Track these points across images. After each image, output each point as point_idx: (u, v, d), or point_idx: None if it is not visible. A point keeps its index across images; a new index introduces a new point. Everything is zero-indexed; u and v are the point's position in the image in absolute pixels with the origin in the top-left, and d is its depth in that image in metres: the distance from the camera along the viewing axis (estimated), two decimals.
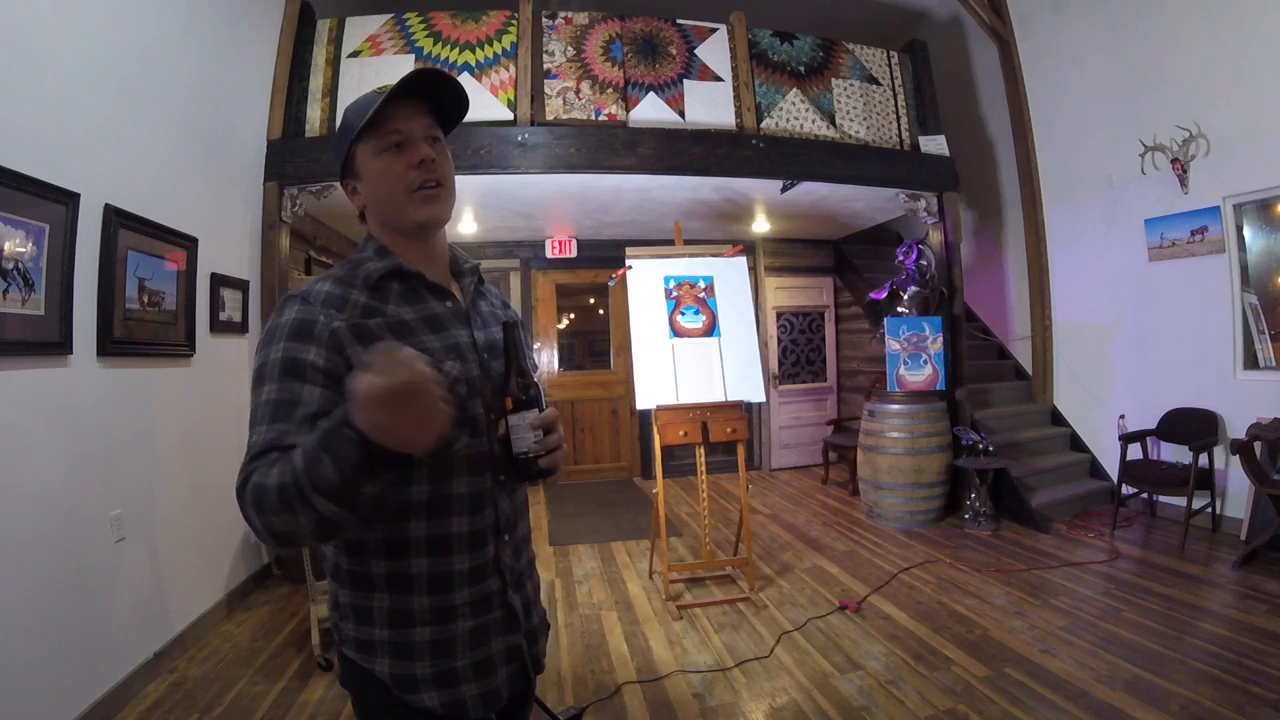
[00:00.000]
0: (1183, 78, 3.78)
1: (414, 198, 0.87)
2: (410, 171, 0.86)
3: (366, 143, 0.87)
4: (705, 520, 3.21)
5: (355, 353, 0.80)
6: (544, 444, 0.84)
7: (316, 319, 0.81)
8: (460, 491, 0.87)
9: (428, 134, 0.88)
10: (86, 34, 2.25)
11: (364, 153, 0.87)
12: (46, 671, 1.94)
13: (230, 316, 3.26)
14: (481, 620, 0.89)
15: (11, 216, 1.89)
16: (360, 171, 0.89)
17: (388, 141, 0.86)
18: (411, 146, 0.86)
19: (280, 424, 0.75)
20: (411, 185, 0.86)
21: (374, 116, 0.84)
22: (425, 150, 0.87)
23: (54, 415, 2.08)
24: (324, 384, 0.78)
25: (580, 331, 6.49)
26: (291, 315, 0.82)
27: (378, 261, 0.89)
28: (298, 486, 0.66)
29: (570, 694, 2.32)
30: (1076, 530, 3.90)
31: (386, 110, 0.84)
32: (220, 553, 3.11)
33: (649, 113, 3.98)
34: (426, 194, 0.87)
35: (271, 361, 0.79)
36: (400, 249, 0.91)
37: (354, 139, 0.87)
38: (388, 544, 0.85)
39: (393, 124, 0.86)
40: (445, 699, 0.86)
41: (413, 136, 0.87)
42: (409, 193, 0.87)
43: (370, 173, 0.88)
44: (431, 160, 0.87)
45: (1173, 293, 3.97)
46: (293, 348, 0.79)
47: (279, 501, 0.67)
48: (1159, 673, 2.24)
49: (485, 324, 0.96)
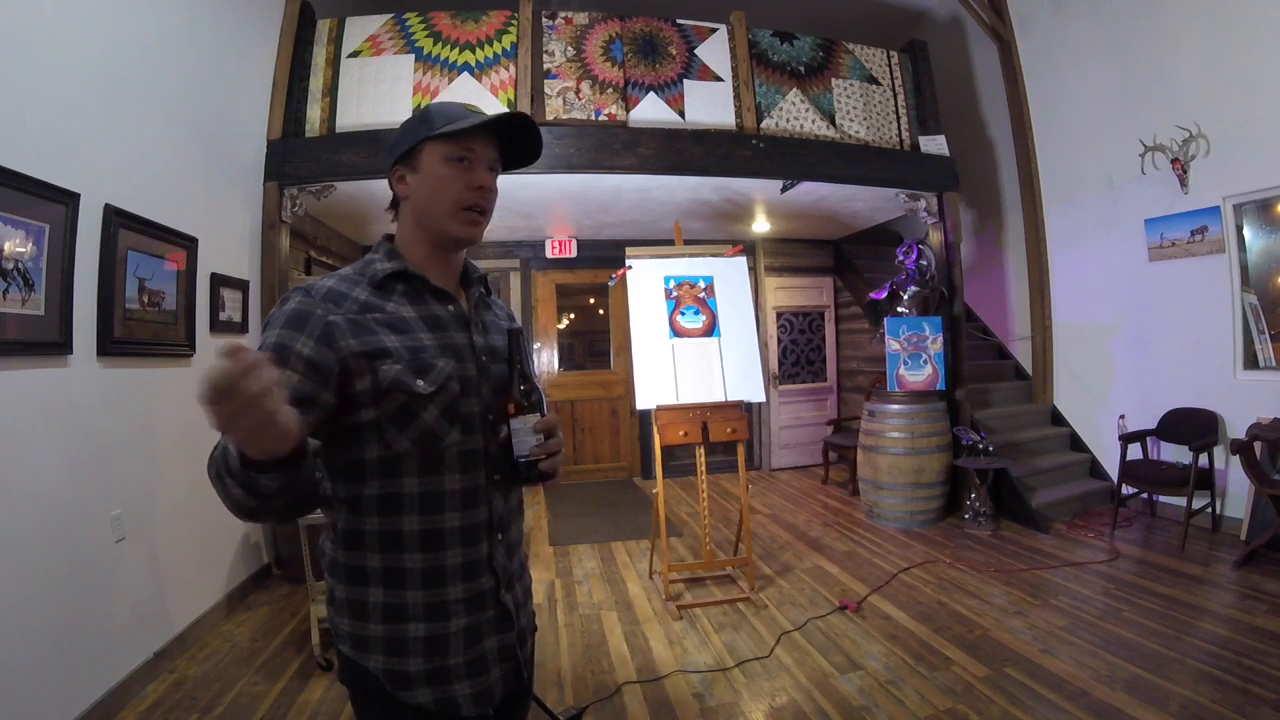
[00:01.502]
0: (1183, 78, 3.78)
1: (460, 215, 0.91)
2: (467, 191, 0.91)
3: (440, 145, 0.90)
4: (705, 520, 3.21)
5: (349, 345, 0.83)
6: (545, 448, 0.87)
7: (314, 311, 0.84)
8: (453, 487, 0.89)
9: (491, 165, 0.94)
10: (87, 34, 2.25)
11: (433, 151, 0.90)
12: (46, 671, 1.94)
13: (230, 316, 3.26)
14: (475, 618, 0.90)
15: (11, 216, 1.89)
16: (421, 167, 0.91)
17: (459, 153, 0.90)
18: (477, 169, 0.91)
19: None
20: (462, 203, 0.91)
21: (461, 131, 0.89)
22: (487, 178, 0.92)
23: (54, 415, 2.08)
24: (304, 372, 0.80)
25: (580, 331, 6.49)
26: (291, 306, 0.85)
27: (385, 263, 0.92)
28: (219, 466, 0.73)
29: (570, 694, 2.32)
30: (1076, 530, 3.90)
31: (472, 129, 0.89)
32: (220, 553, 3.11)
33: (649, 113, 3.98)
34: (472, 217, 0.92)
35: (264, 347, 0.82)
36: (420, 251, 0.94)
37: (430, 135, 0.90)
38: (381, 538, 0.86)
39: (470, 142, 0.90)
40: (438, 696, 0.87)
41: (480, 162, 0.92)
42: (457, 208, 0.91)
43: (431, 174, 0.91)
44: (488, 190, 0.93)
45: (1173, 293, 3.97)
46: (285, 335, 0.82)
47: (213, 474, 0.74)
48: (1159, 673, 2.24)
49: (487, 330, 0.98)
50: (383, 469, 0.86)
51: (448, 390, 0.88)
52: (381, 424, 0.85)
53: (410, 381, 0.85)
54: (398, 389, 0.84)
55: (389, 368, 0.84)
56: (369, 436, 0.85)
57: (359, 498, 0.87)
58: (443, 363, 0.88)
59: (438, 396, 0.87)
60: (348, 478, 0.87)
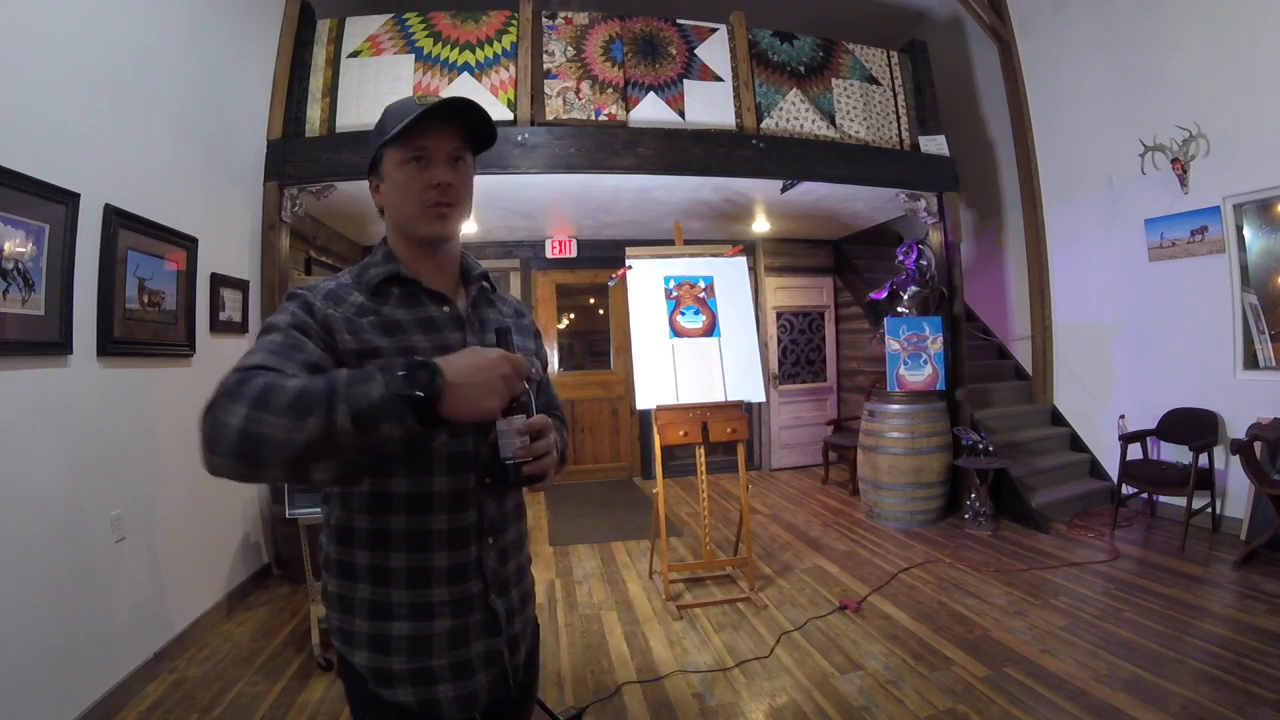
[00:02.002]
0: (1183, 78, 3.78)
1: (425, 213, 0.90)
2: (427, 190, 0.89)
3: (394, 149, 0.89)
4: (705, 520, 3.21)
5: (345, 340, 0.85)
6: (530, 450, 0.83)
7: (315, 303, 0.87)
8: (440, 489, 0.88)
9: (453, 155, 0.91)
10: (87, 34, 2.25)
11: (390, 158, 0.90)
12: (46, 671, 1.94)
13: (230, 316, 3.26)
14: (461, 621, 0.90)
15: (11, 216, 1.89)
16: (385, 174, 0.92)
17: (411, 154, 0.89)
18: (433, 166, 0.89)
19: (280, 359, 0.77)
20: (426, 201, 0.90)
21: (404, 129, 0.86)
22: (443, 174, 0.90)
23: (54, 415, 2.08)
24: (323, 348, 0.82)
25: (580, 331, 6.49)
26: (296, 302, 0.87)
27: (381, 267, 0.93)
28: (329, 394, 0.67)
29: (570, 694, 2.32)
30: (1076, 530, 3.90)
31: (418, 125, 0.87)
32: (220, 553, 3.11)
33: (649, 113, 3.98)
34: (438, 211, 0.91)
35: (281, 319, 0.84)
36: (408, 253, 0.95)
37: (384, 142, 0.89)
38: (371, 534, 0.87)
39: (421, 140, 0.88)
40: (420, 696, 0.88)
41: (436, 156, 0.90)
42: (422, 208, 0.90)
43: (391, 180, 0.91)
44: (448, 185, 0.90)
45: (1173, 293, 3.97)
46: (299, 315, 0.85)
47: (293, 402, 0.67)
48: (1159, 673, 2.24)
49: (485, 329, 0.98)
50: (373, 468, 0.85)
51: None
52: None
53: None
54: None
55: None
56: None
57: (349, 494, 0.88)
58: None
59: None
60: None
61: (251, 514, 3.43)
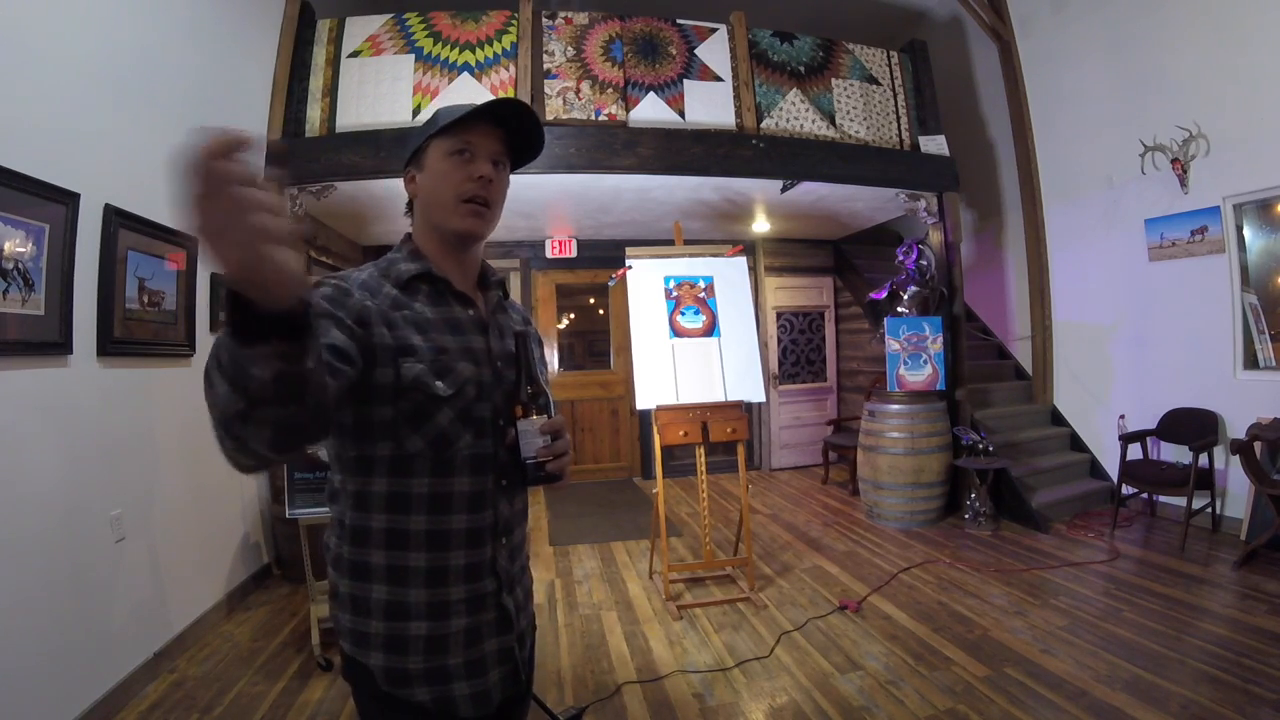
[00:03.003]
0: (1183, 78, 3.78)
1: (461, 207, 0.91)
2: (467, 182, 0.91)
3: (441, 140, 0.91)
4: (705, 520, 3.21)
5: (381, 333, 0.83)
6: (551, 449, 0.88)
7: (352, 292, 0.85)
8: (461, 490, 0.89)
9: (495, 156, 0.93)
10: (87, 34, 2.25)
11: (435, 148, 0.92)
12: (46, 671, 1.94)
13: None
14: (475, 620, 0.91)
15: (11, 216, 1.89)
16: (425, 164, 0.93)
17: (458, 147, 0.91)
18: (477, 160, 0.92)
19: None
20: (464, 194, 0.91)
21: (457, 122, 0.89)
22: (486, 168, 0.92)
23: (54, 415, 2.08)
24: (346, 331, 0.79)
25: (580, 331, 6.49)
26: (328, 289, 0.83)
27: (410, 264, 0.93)
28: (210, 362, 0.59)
29: (570, 694, 2.32)
30: (1076, 530, 3.90)
31: (469, 121, 0.90)
32: (220, 553, 3.11)
33: (649, 113, 3.98)
34: (474, 208, 0.92)
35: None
36: (436, 252, 0.95)
37: (434, 133, 0.91)
38: (389, 534, 0.87)
39: (468, 135, 0.91)
40: (436, 695, 0.88)
41: (480, 153, 0.92)
42: (458, 200, 0.91)
43: (433, 169, 0.92)
44: (489, 180, 0.92)
45: (1173, 293, 3.97)
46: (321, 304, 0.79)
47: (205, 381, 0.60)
48: (1159, 673, 2.24)
49: (503, 334, 0.99)
50: (393, 467, 0.86)
51: (464, 394, 0.89)
52: (396, 422, 0.85)
53: (430, 382, 0.85)
54: (417, 388, 0.85)
55: (411, 365, 0.85)
56: (382, 433, 0.85)
57: (366, 494, 0.87)
58: (462, 366, 0.89)
59: (454, 400, 0.87)
60: (356, 472, 0.87)
61: (251, 514, 3.43)
